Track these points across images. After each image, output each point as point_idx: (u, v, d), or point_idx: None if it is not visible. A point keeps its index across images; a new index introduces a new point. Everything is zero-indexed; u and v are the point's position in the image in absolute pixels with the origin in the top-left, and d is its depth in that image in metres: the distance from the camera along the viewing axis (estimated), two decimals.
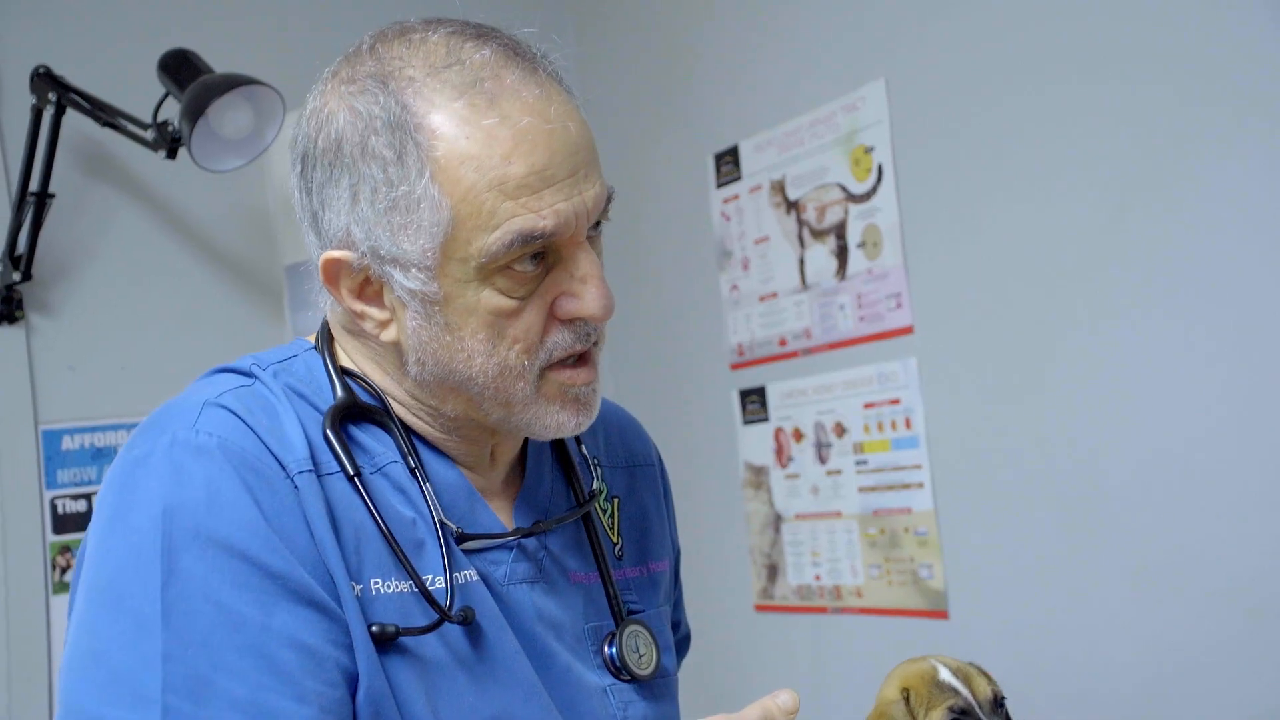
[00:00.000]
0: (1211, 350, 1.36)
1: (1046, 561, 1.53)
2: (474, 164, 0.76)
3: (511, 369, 0.79)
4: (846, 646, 1.81)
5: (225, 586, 0.73)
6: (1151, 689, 1.43)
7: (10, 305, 1.83)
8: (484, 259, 0.76)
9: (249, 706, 0.71)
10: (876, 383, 1.73)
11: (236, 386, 0.81)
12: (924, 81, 1.65)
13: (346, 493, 0.79)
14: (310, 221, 0.82)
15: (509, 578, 0.85)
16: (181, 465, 0.75)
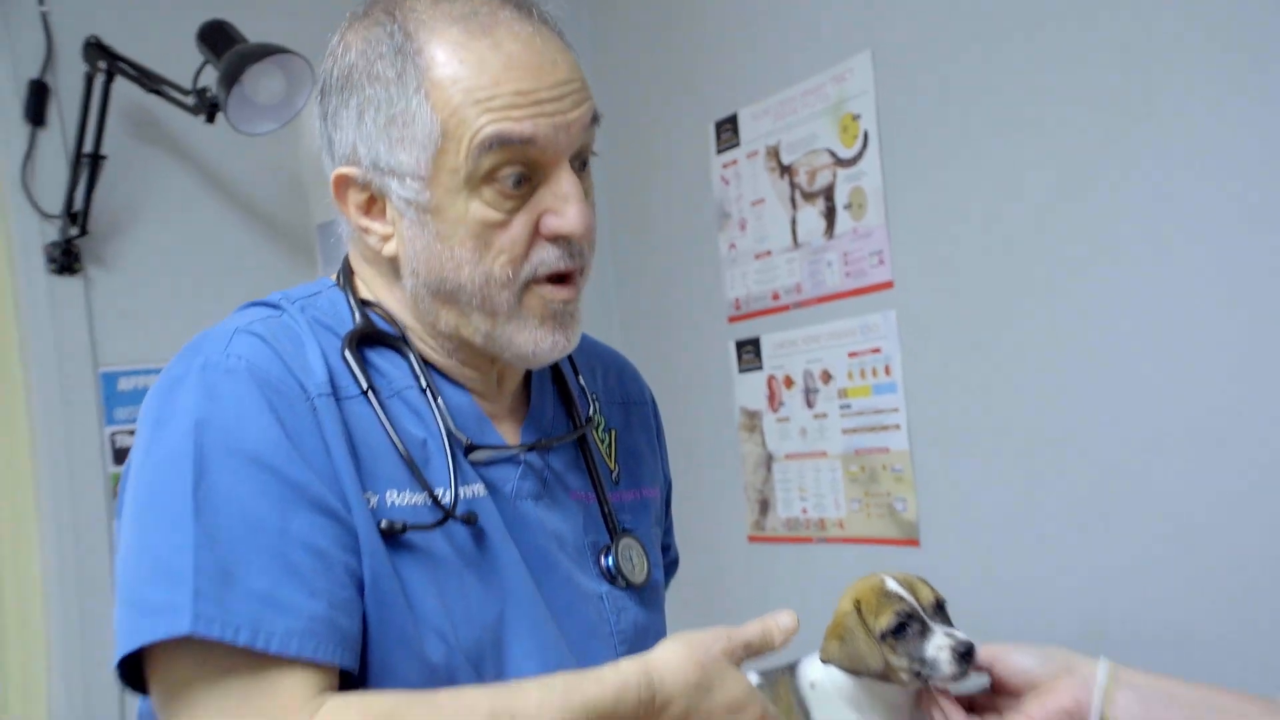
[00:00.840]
0: (1160, 303, 1.36)
1: (1008, 495, 1.55)
2: (463, 85, 0.77)
3: (496, 279, 0.80)
4: (829, 572, 1.83)
5: (248, 493, 0.74)
6: (1095, 607, 1.45)
7: (70, 258, 1.84)
8: (470, 169, 0.77)
9: (266, 598, 0.72)
10: (859, 333, 1.74)
11: (265, 317, 0.82)
12: (907, 54, 1.64)
13: (365, 414, 0.81)
14: (327, 147, 0.84)
15: (516, 493, 0.86)
16: (213, 385, 0.77)
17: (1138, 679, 0.91)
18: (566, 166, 0.80)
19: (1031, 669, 0.92)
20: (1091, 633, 1.46)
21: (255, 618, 0.71)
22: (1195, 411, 1.34)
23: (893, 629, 0.91)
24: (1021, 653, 0.93)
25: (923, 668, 0.89)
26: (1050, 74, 1.45)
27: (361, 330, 0.84)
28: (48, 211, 1.83)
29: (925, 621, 0.91)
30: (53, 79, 1.84)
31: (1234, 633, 1.32)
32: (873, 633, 0.92)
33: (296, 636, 0.71)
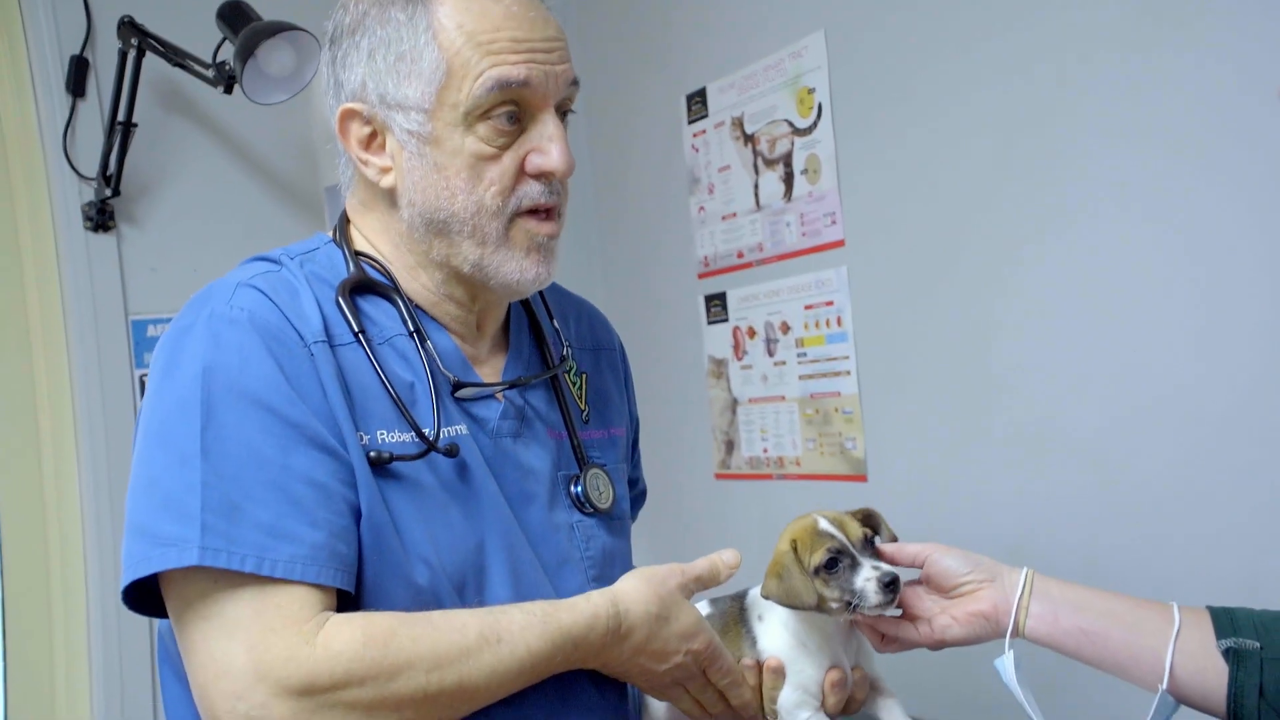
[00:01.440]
0: (1079, 263, 1.39)
1: (945, 434, 1.59)
2: (467, 30, 0.81)
3: (487, 208, 0.83)
4: (787, 506, 1.83)
5: (253, 432, 0.75)
6: (1019, 531, 1.50)
7: (104, 216, 1.87)
8: (469, 104, 0.81)
9: (271, 528, 0.73)
10: (814, 288, 1.77)
11: (265, 271, 0.85)
12: (856, 33, 1.66)
13: (358, 359, 0.83)
14: (334, 89, 0.87)
15: (498, 430, 0.89)
16: (218, 333, 0.78)
17: (1052, 588, 0.95)
18: (552, 112, 0.84)
19: (959, 571, 0.97)
20: (1014, 551, 1.50)
21: (261, 547, 0.73)
22: (1108, 360, 1.37)
23: (825, 564, 0.93)
24: (952, 556, 0.98)
25: (853, 598, 0.92)
26: (987, 50, 1.48)
27: (355, 279, 0.86)
28: (85, 174, 1.86)
29: (854, 556, 0.94)
30: (91, 55, 1.87)
31: (1135, 550, 1.36)
32: (807, 570, 0.94)
33: (300, 562, 0.74)
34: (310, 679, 0.71)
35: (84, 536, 1.88)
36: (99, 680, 1.86)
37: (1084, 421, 1.40)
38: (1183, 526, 1.31)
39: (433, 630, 0.75)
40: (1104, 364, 1.37)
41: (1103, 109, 1.35)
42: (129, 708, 1.84)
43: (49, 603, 1.91)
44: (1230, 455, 1.26)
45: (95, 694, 1.87)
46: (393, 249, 0.88)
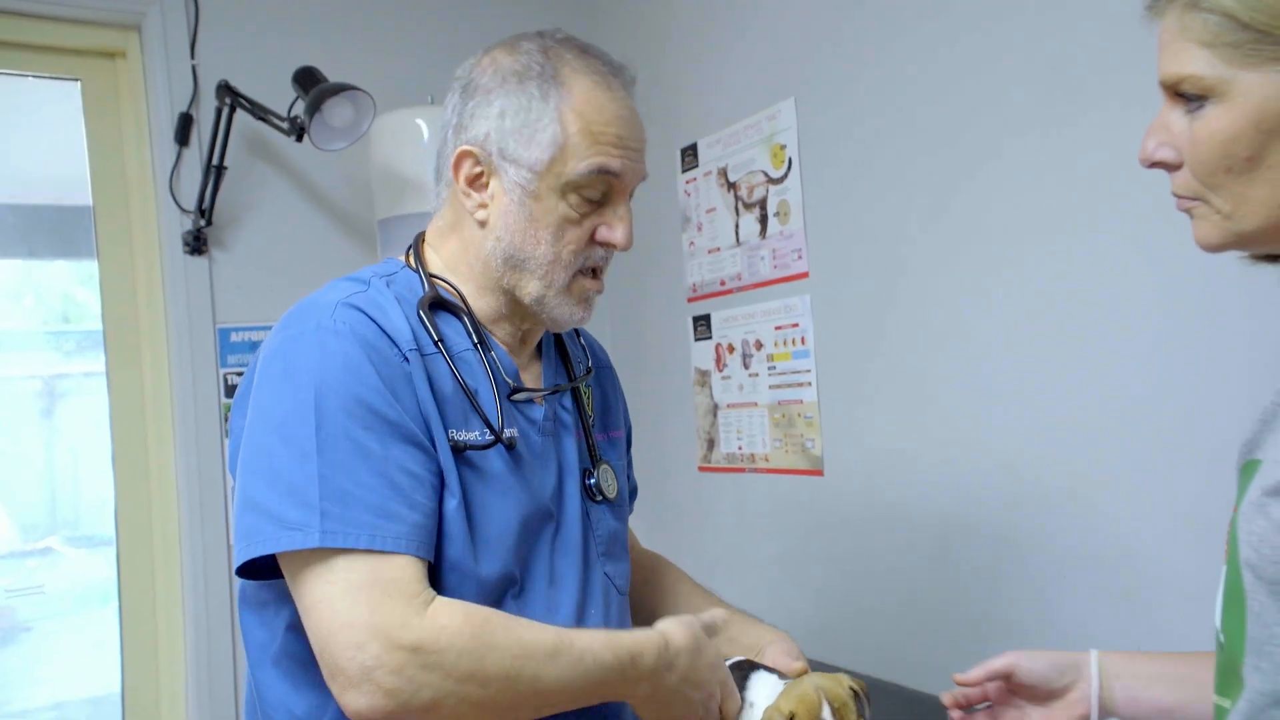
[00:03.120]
0: (998, 298, 1.40)
1: (888, 437, 1.60)
2: (586, 119, 0.84)
3: (561, 260, 0.86)
4: (757, 494, 1.88)
5: (358, 429, 0.76)
6: (948, 521, 1.50)
7: (199, 242, 1.91)
8: (571, 177, 0.84)
9: (378, 509, 0.74)
10: (783, 312, 1.78)
11: (358, 290, 0.85)
12: (821, 100, 1.68)
13: (440, 367, 0.83)
14: (454, 129, 0.88)
15: (543, 430, 0.91)
16: (325, 344, 0.78)
17: (1122, 667, 0.84)
18: (627, 198, 0.88)
19: (1050, 677, 0.84)
20: (943, 540, 1.51)
21: (372, 526, 0.74)
22: (1017, 381, 1.38)
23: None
24: (1036, 661, 0.85)
25: None
26: (930, 117, 1.50)
27: (432, 297, 0.87)
28: (186, 208, 1.91)
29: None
30: (195, 112, 1.92)
31: (1037, 538, 1.36)
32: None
33: (404, 538, 0.75)
34: (419, 641, 0.72)
35: (180, 511, 1.90)
36: (190, 627, 1.89)
37: (1001, 430, 1.41)
38: (1073, 523, 1.31)
39: (520, 626, 0.76)
40: (1014, 383, 1.38)
41: (1032, 164, 1.36)
42: (214, 653, 1.87)
43: (152, 566, 1.93)
44: (1117, 461, 1.26)
45: (188, 639, 1.90)
46: (467, 270, 0.89)
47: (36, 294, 1.99)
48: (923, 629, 1.54)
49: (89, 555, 1.91)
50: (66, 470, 1.95)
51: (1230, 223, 0.62)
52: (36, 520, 1.92)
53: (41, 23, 1.88)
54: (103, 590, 1.92)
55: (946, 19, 1.45)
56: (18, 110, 1.95)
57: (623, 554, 0.98)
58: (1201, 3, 0.59)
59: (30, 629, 1.86)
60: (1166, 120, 0.64)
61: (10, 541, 1.87)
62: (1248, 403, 1.05)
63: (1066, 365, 1.32)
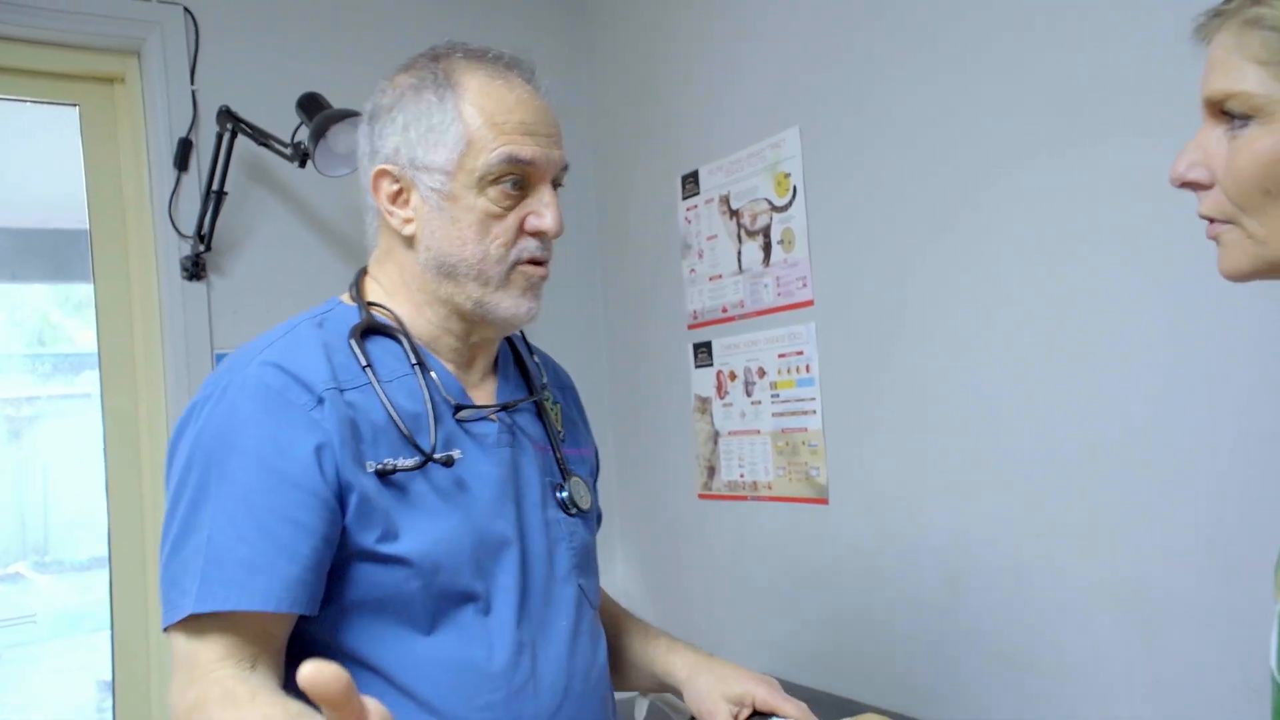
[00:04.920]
0: (1004, 329, 1.37)
1: (894, 466, 1.56)
2: (485, 112, 0.83)
3: (491, 256, 0.84)
4: (760, 522, 1.84)
5: (246, 480, 0.75)
6: (956, 552, 1.46)
7: (198, 268, 1.87)
8: (483, 171, 0.82)
9: (251, 564, 0.73)
10: (787, 340, 1.75)
11: (278, 339, 0.83)
12: (825, 129, 1.66)
13: (367, 398, 0.80)
14: (369, 155, 0.87)
15: (497, 442, 0.88)
16: (233, 401, 0.77)
17: None
18: (549, 184, 0.86)
19: None
20: (949, 566, 1.47)
21: (240, 584, 0.72)
22: (1027, 406, 1.35)
23: None
24: None
25: None
26: (935, 145, 1.47)
27: (365, 324, 0.84)
28: (184, 233, 1.87)
29: None
30: (195, 137, 1.89)
31: (1048, 569, 1.33)
32: None
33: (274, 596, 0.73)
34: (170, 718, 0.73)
35: None
36: None
37: (1008, 459, 1.37)
38: (1086, 549, 1.27)
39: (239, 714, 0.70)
40: (1024, 412, 1.35)
41: (1038, 189, 1.33)
42: None
43: (145, 591, 1.88)
44: (1131, 489, 1.23)
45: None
46: (404, 288, 0.87)
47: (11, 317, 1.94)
48: (930, 660, 1.50)
49: (58, 581, 1.85)
50: (36, 495, 1.90)
51: (1262, 249, 0.61)
52: (6, 545, 1.86)
53: (40, 48, 1.84)
54: (73, 617, 1.86)
55: (951, 46, 1.43)
56: (16, 135, 1.91)
57: (595, 568, 0.97)
58: (1264, 20, 0.58)
59: (0, 656, 1.80)
60: (1203, 140, 0.63)
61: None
62: (1264, 428, 1.04)
63: (1077, 392, 1.28)
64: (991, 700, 1.40)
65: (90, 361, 1.91)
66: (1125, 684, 1.24)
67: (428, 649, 0.79)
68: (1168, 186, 0.60)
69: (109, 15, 1.85)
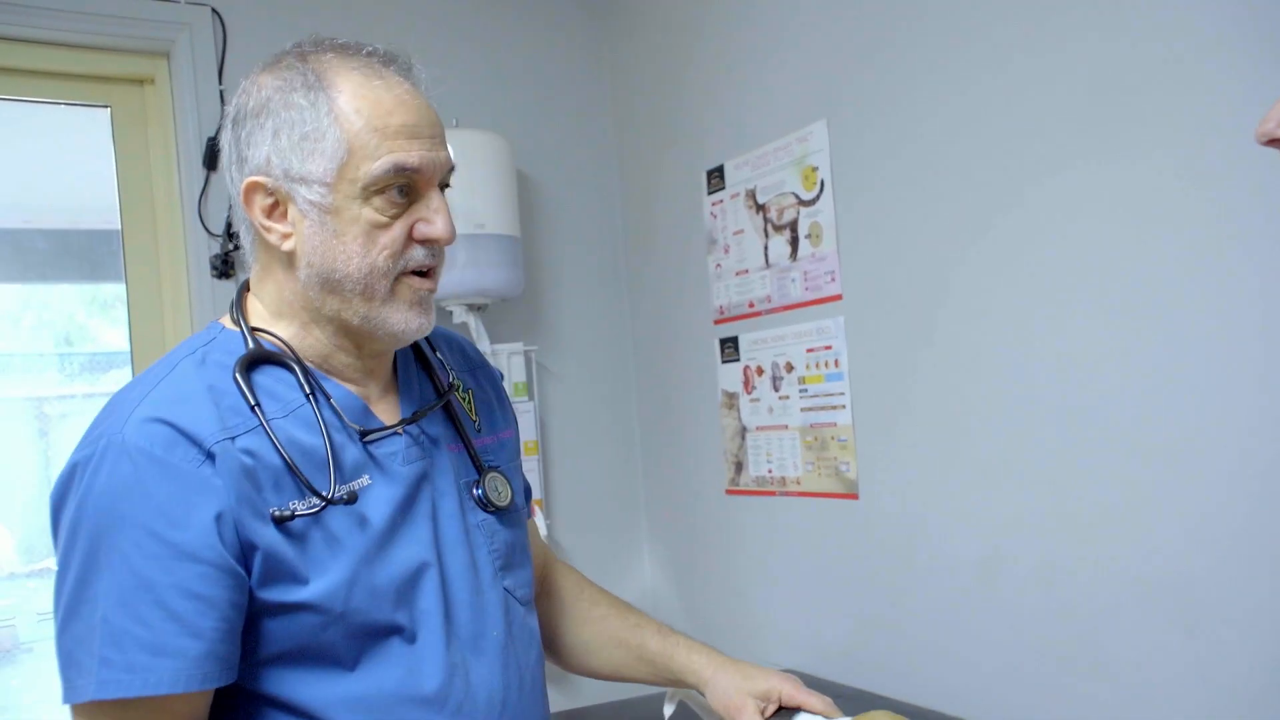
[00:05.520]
0: (1036, 322, 1.34)
1: (925, 460, 1.54)
2: (364, 115, 0.76)
3: (378, 269, 0.77)
4: (788, 517, 1.82)
5: (139, 557, 0.70)
6: (988, 547, 1.44)
7: (226, 266, 1.88)
8: (367, 181, 0.76)
9: (154, 646, 0.69)
10: (815, 334, 1.73)
11: (157, 385, 0.76)
12: (853, 122, 1.64)
13: (262, 443, 0.74)
14: (236, 164, 0.80)
15: (405, 459, 0.82)
16: (115, 466, 0.71)
17: None
18: (436, 188, 0.80)
19: None
20: (984, 565, 1.45)
21: (145, 669, 0.68)
22: (1063, 400, 1.32)
23: None
24: None
25: None
26: (969, 137, 1.45)
27: (251, 355, 0.77)
28: (213, 232, 1.88)
29: None
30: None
31: (1086, 565, 1.30)
32: None
33: (183, 675, 0.69)
34: None
35: None
36: None
37: (1043, 453, 1.35)
38: (1128, 548, 1.25)
39: None
40: (1060, 405, 1.32)
41: (1077, 186, 1.31)
42: None
43: None
44: (1172, 484, 1.20)
45: None
46: (288, 308, 0.80)
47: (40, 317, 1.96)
48: (964, 657, 1.48)
49: None
50: None
51: None
52: (36, 542, 1.88)
53: (72, 51, 1.86)
54: None
55: (988, 39, 1.40)
56: (49, 138, 1.93)
57: (523, 561, 0.91)
58: None
59: (31, 650, 1.82)
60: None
61: (10, 563, 1.82)
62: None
63: (1116, 385, 1.26)
64: (1026, 697, 1.38)
65: (116, 361, 1.93)
66: (1167, 681, 1.21)
67: (356, 686, 0.75)
68: (1208, 180, 0.59)
69: (139, 18, 1.86)
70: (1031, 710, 1.37)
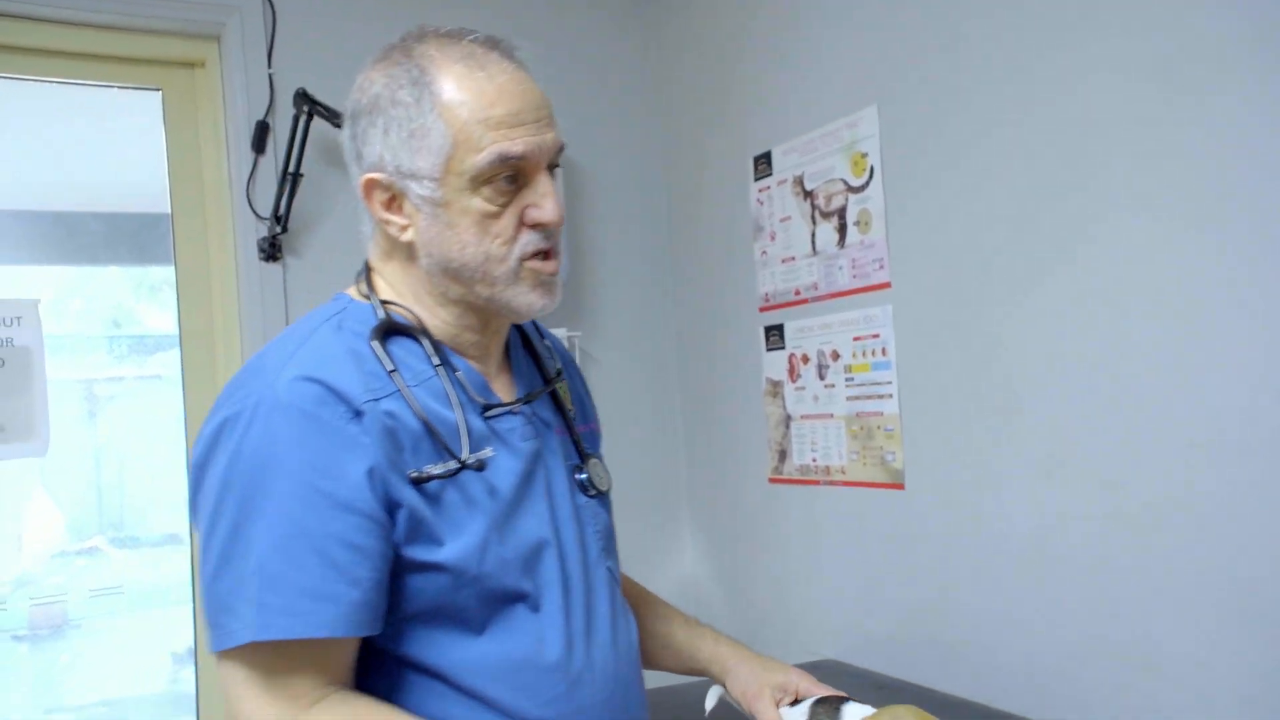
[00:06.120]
0: (1089, 309, 1.32)
1: (974, 451, 1.52)
2: (467, 108, 0.77)
3: (494, 256, 0.79)
4: (832, 507, 1.81)
5: (297, 506, 0.72)
6: (1037, 540, 1.42)
7: (274, 249, 1.89)
8: (473, 172, 0.77)
9: (313, 591, 0.71)
10: (862, 322, 1.71)
11: (305, 343, 0.78)
12: (905, 107, 1.61)
13: (399, 406, 0.77)
14: (355, 160, 0.83)
15: (522, 436, 0.85)
16: (258, 424, 0.73)
17: None
18: (545, 172, 0.81)
19: None
20: (1033, 559, 1.44)
21: (306, 612, 0.70)
22: (1119, 391, 1.30)
23: None
24: None
25: None
26: (1014, 122, 1.42)
27: (385, 324, 0.80)
28: (261, 215, 1.89)
29: None
30: (272, 120, 1.90)
31: (1140, 558, 1.28)
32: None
33: (341, 620, 0.71)
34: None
35: None
36: None
37: (1094, 446, 1.33)
38: (1185, 541, 1.23)
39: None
40: (1114, 396, 1.30)
41: (1133, 175, 1.28)
42: None
43: None
44: (1231, 474, 1.17)
45: None
46: (413, 292, 0.83)
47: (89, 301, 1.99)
48: (1011, 651, 1.47)
49: (133, 556, 1.90)
50: (112, 473, 1.95)
51: None
52: (86, 521, 1.92)
53: (125, 34, 1.88)
54: (147, 591, 1.91)
55: (1044, 24, 1.37)
56: (101, 121, 1.95)
57: (616, 548, 0.95)
58: None
59: (79, 627, 1.84)
60: None
61: (60, 541, 1.86)
62: None
63: (1172, 376, 1.23)
64: (1076, 692, 1.37)
65: (162, 343, 1.96)
66: (1224, 677, 1.19)
67: (484, 650, 0.78)
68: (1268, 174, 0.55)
69: (191, 1, 1.88)
70: (1082, 705, 1.36)
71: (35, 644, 1.83)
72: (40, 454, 1.72)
